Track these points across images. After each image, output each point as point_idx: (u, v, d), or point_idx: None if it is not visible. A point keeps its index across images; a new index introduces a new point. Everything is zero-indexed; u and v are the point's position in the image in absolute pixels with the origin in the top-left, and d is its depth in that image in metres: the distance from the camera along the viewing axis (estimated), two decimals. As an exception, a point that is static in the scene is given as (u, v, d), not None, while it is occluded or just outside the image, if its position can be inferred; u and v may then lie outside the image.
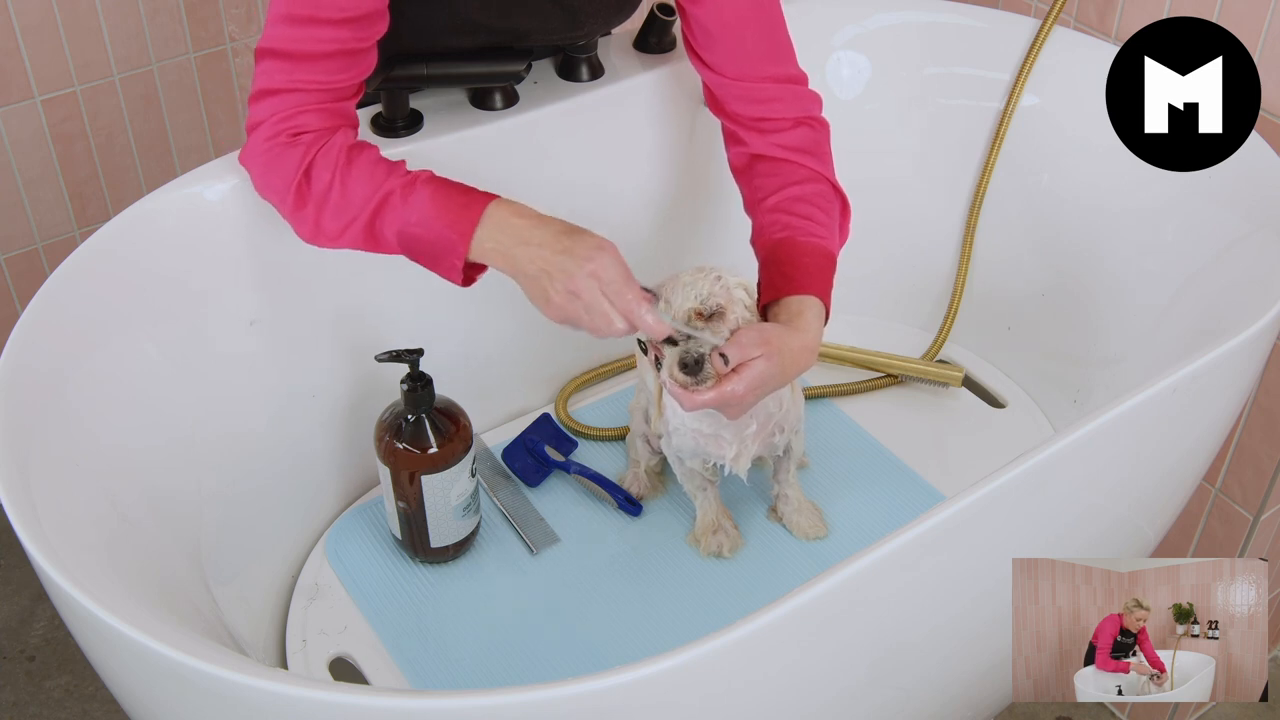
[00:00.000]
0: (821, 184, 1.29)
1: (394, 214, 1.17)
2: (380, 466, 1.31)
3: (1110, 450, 1.13)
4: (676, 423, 1.29)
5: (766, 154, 1.30)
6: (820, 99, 1.33)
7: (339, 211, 1.18)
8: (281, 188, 1.18)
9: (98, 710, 1.79)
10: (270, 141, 1.18)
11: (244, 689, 0.86)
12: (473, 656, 1.30)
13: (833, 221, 1.28)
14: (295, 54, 1.15)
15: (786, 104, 1.30)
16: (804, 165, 1.29)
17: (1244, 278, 1.30)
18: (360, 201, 1.17)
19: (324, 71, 1.17)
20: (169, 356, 1.26)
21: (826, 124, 1.33)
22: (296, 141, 1.17)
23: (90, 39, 1.85)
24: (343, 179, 1.17)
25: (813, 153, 1.30)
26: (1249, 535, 1.60)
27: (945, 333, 1.65)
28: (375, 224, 1.17)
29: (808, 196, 1.27)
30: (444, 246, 1.16)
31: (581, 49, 1.45)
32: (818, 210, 1.26)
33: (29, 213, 1.92)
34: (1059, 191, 1.57)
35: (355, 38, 1.16)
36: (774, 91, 1.29)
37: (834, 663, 1.04)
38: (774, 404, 1.27)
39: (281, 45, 1.16)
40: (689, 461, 1.34)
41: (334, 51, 1.16)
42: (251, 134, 1.19)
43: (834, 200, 1.29)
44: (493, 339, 1.51)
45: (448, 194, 1.16)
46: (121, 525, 1.12)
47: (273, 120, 1.17)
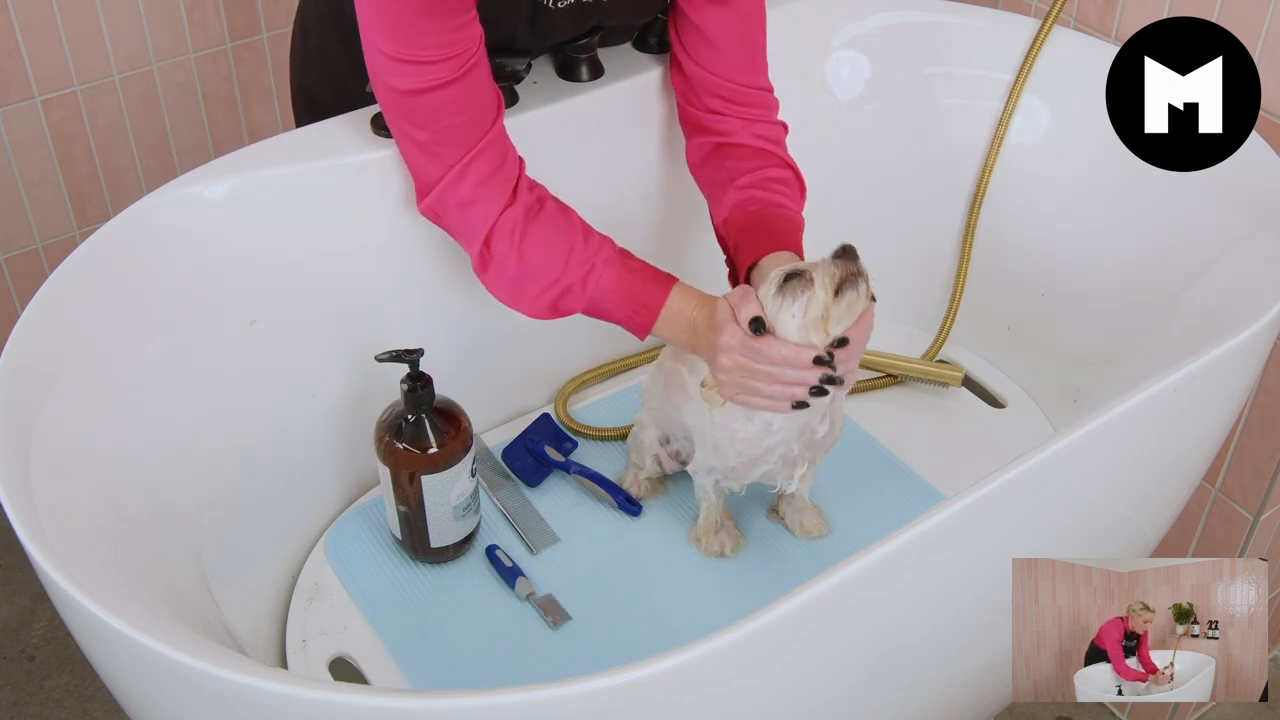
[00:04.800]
0: (785, 169, 1.36)
1: (576, 303, 1.27)
2: (380, 467, 1.31)
3: (1110, 450, 1.13)
4: (745, 437, 1.26)
5: (743, 142, 1.36)
6: (778, 104, 1.39)
7: (522, 287, 1.26)
8: (471, 251, 1.26)
9: (98, 710, 1.79)
10: (447, 201, 1.23)
11: (244, 689, 0.86)
12: (472, 656, 1.30)
13: (798, 198, 1.36)
14: (417, 91, 1.17)
15: (758, 106, 1.37)
16: (776, 154, 1.36)
17: (1244, 278, 1.30)
18: (543, 282, 1.25)
19: (458, 111, 1.20)
20: (169, 356, 1.26)
21: (785, 124, 1.39)
22: (469, 208, 1.23)
23: (90, 39, 1.85)
24: (520, 256, 1.24)
25: (781, 144, 1.37)
26: (1249, 535, 1.60)
27: (945, 333, 1.65)
28: (559, 307, 1.27)
29: (777, 178, 1.34)
30: (626, 326, 1.28)
31: (583, 48, 1.45)
32: (786, 188, 1.34)
33: (29, 213, 1.92)
34: (1059, 191, 1.57)
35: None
36: (747, 95, 1.36)
37: (834, 663, 1.04)
38: (825, 426, 1.28)
39: (406, 89, 1.18)
40: (724, 482, 1.33)
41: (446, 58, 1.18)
42: (428, 193, 1.24)
43: (795, 182, 1.37)
44: (493, 339, 1.51)
45: (628, 289, 1.25)
46: (121, 525, 1.12)
47: (448, 179, 1.22)
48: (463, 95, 1.19)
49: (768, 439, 1.25)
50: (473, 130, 1.21)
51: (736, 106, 1.36)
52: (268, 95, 2.07)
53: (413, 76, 1.16)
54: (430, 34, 1.14)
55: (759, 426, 1.25)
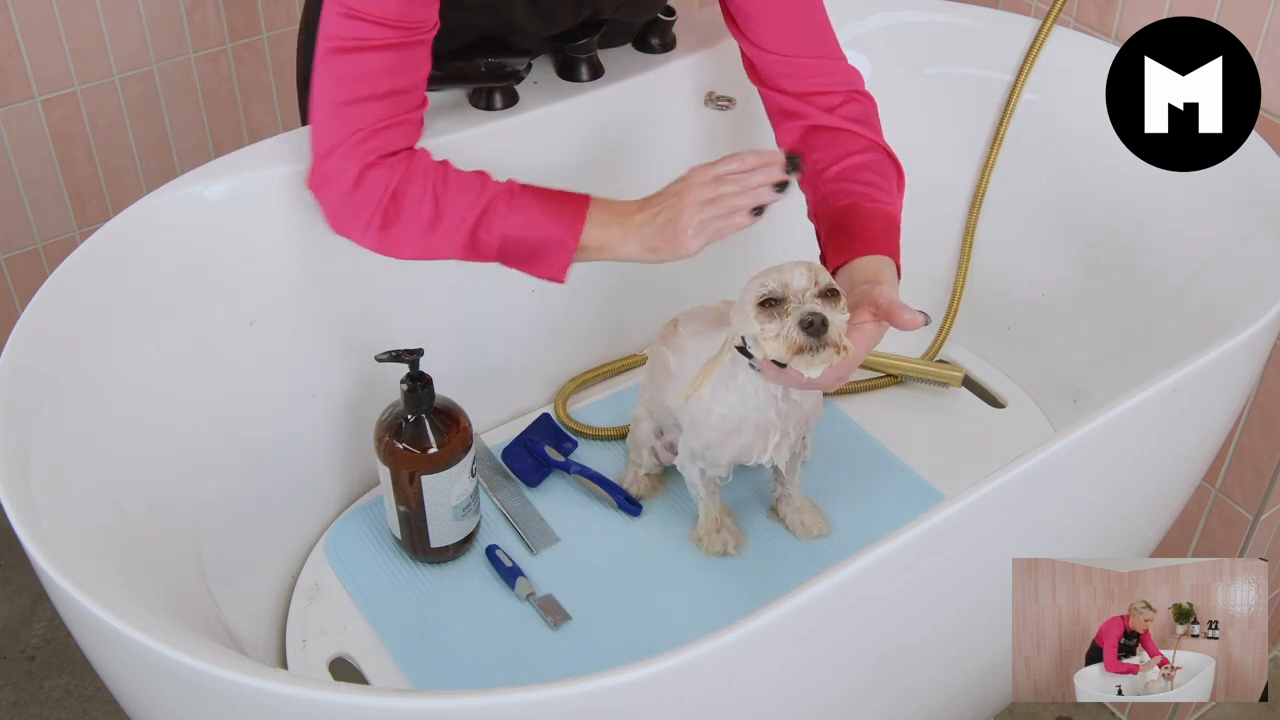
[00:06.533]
0: (879, 153, 1.31)
1: (498, 221, 1.22)
2: (380, 467, 1.31)
3: (1110, 450, 1.13)
4: (721, 411, 1.26)
5: (825, 124, 1.31)
6: (861, 75, 1.34)
7: (434, 226, 1.22)
8: (368, 210, 1.22)
9: (98, 710, 1.79)
10: (350, 165, 1.20)
11: (244, 689, 0.86)
12: (473, 656, 1.30)
13: (893, 188, 1.30)
14: (351, 50, 1.16)
15: (834, 78, 1.32)
16: (862, 135, 1.31)
17: (1244, 278, 1.30)
18: (460, 214, 1.22)
19: (386, 76, 1.18)
20: (169, 356, 1.26)
21: (873, 98, 1.35)
22: (379, 165, 1.21)
23: (90, 39, 1.85)
24: (438, 195, 1.22)
25: (867, 123, 1.32)
26: (1249, 535, 1.60)
27: (945, 333, 1.65)
28: (477, 233, 1.22)
29: (869, 164, 1.29)
30: (553, 244, 1.22)
31: (583, 48, 1.45)
32: (879, 178, 1.28)
33: (29, 213, 1.92)
34: (1059, 192, 1.57)
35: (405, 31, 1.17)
36: (818, 67, 1.32)
37: (834, 663, 1.04)
38: (809, 401, 1.27)
39: (339, 44, 1.17)
40: (710, 471, 1.34)
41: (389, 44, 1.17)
42: (326, 159, 1.21)
43: (891, 168, 1.31)
44: (493, 339, 1.51)
45: (549, 197, 1.23)
46: (122, 525, 1.12)
47: (347, 145, 1.20)
48: (395, 66, 1.18)
49: (742, 408, 1.25)
50: (397, 103, 1.20)
51: (814, 84, 1.31)
52: (268, 95, 2.07)
53: (354, 29, 1.16)
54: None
55: (735, 396, 1.25)
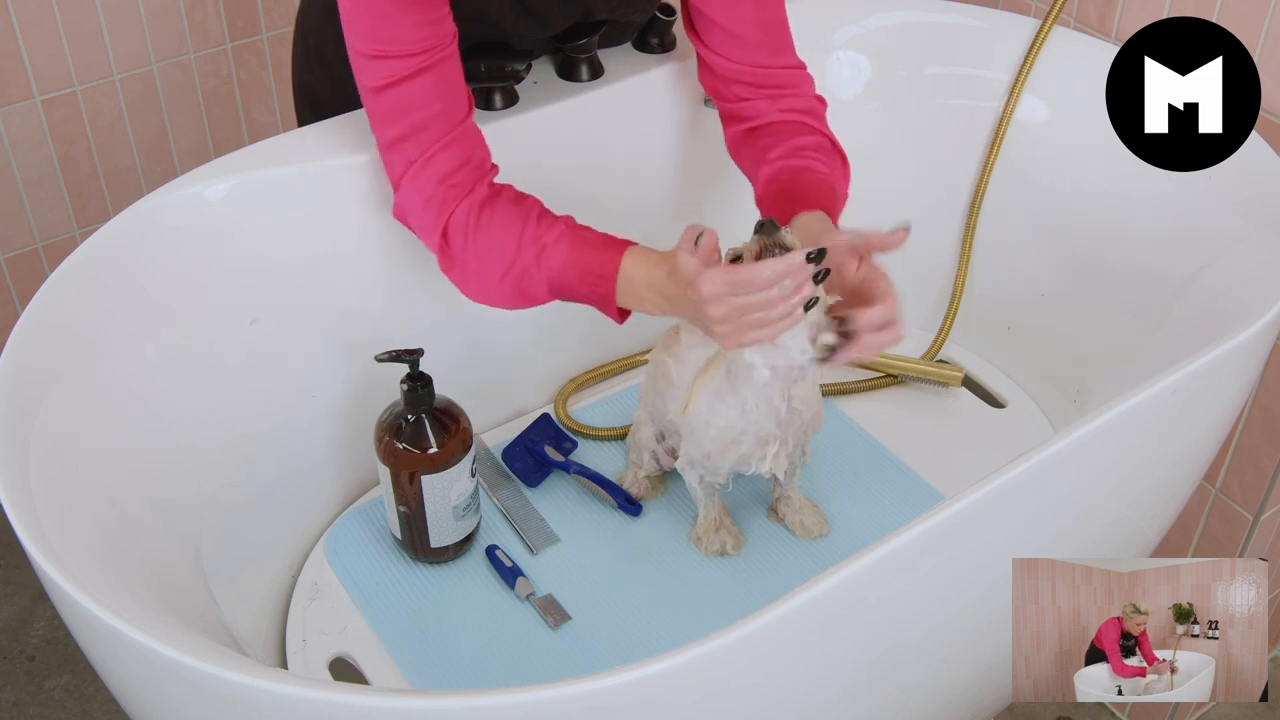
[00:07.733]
0: (820, 138, 1.32)
1: (538, 285, 1.22)
2: (380, 466, 1.31)
3: (1110, 450, 1.13)
4: (720, 424, 1.26)
5: (771, 120, 1.32)
6: (814, 80, 1.35)
7: (484, 277, 1.23)
8: (433, 248, 1.24)
9: (98, 710, 1.79)
10: (414, 196, 1.22)
11: (244, 689, 0.86)
12: (473, 656, 1.30)
13: (836, 169, 1.30)
14: (388, 87, 1.18)
15: (787, 85, 1.34)
16: (808, 124, 1.32)
17: (1244, 278, 1.30)
18: (500, 268, 1.22)
19: (430, 98, 1.19)
20: (169, 356, 1.26)
21: (824, 100, 1.36)
22: (429, 203, 1.22)
23: (90, 39, 1.85)
24: (475, 244, 1.22)
25: (814, 114, 1.34)
26: (1249, 535, 1.60)
27: (945, 333, 1.65)
28: (525, 292, 1.23)
29: (814, 146, 1.30)
30: (596, 304, 1.22)
31: (583, 48, 1.45)
32: (823, 156, 1.30)
33: (29, 213, 1.92)
34: (1059, 191, 1.57)
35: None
36: (774, 76, 1.33)
37: (834, 663, 1.04)
38: (809, 411, 1.27)
39: (377, 83, 1.18)
40: (709, 477, 1.34)
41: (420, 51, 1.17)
42: (397, 191, 1.23)
43: (835, 155, 1.32)
44: (493, 339, 1.51)
45: (580, 261, 1.20)
46: (121, 525, 1.12)
47: (409, 175, 1.21)
48: (434, 86, 1.19)
49: (742, 420, 1.25)
50: (443, 123, 1.21)
51: (763, 89, 1.33)
52: (268, 95, 2.07)
53: (386, 70, 1.17)
54: (405, 29, 1.15)
55: (735, 409, 1.24)
